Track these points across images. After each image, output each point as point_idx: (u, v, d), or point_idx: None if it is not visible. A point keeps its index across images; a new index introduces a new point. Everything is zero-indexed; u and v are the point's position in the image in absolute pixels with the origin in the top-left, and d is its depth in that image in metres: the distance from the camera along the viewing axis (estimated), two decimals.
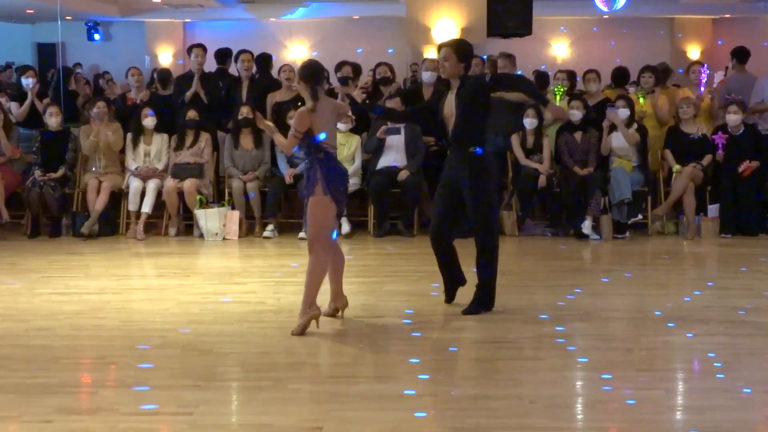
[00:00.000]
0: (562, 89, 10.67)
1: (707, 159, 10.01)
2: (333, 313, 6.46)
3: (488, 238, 6.57)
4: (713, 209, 9.85)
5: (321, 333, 6.13)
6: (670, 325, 6.29)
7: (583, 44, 21.13)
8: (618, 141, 9.94)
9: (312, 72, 6.18)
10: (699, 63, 11.27)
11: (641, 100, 10.48)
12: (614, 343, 5.96)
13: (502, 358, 5.57)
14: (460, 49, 6.54)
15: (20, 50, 19.95)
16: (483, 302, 6.60)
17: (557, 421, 4.52)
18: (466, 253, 6.79)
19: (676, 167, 9.99)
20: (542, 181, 9.81)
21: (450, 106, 6.54)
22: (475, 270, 6.66)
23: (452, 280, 6.84)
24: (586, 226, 9.63)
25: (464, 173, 6.48)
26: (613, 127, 9.93)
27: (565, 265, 8.58)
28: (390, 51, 15.71)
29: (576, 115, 10.02)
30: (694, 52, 20.39)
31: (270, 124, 6.81)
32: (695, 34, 20.66)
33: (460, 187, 6.52)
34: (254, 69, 11.03)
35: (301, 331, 6.02)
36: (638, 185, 9.90)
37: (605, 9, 15.46)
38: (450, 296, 6.86)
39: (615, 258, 8.99)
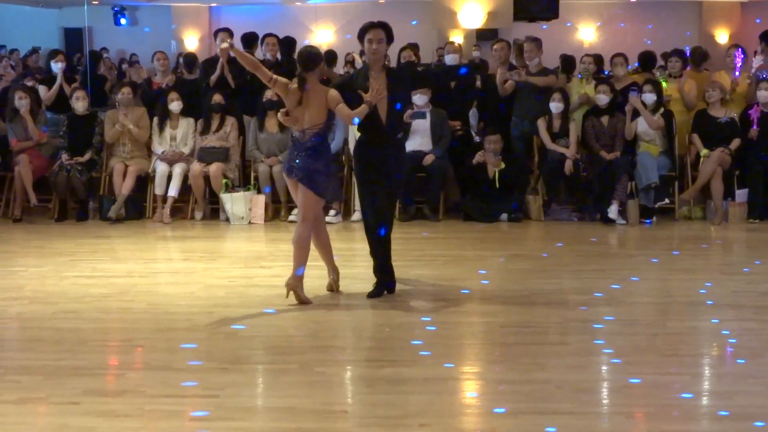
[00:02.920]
0: (588, 74, 10.60)
1: (735, 143, 9.91)
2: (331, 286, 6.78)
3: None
4: (741, 194, 9.76)
5: (346, 316, 6.15)
6: (696, 310, 6.25)
7: (610, 28, 20.98)
8: (643, 126, 9.87)
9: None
10: (735, 46, 11.08)
11: (664, 84, 10.39)
12: (640, 328, 5.93)
13: (528, 343, 5.55)
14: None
15: (47, 35, 20.06)
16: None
17: (583, 406, 4.51)
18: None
19: (704, 151, 9.89)
20: (568, 165, 9.76)
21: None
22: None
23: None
24: (613, 211, 9.56)
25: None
26: (636, 112, 9.86)
27: (592, 249, 8.54)
28: (415, 24, 15.62)
29: (602, 99, 9.95)
30: (722, 35, 20.17)
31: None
32: (724, 18, 20.44)
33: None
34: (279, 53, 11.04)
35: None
36: (665, 170, 9.83)
37: None
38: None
39: (642, 243, 8.93)
